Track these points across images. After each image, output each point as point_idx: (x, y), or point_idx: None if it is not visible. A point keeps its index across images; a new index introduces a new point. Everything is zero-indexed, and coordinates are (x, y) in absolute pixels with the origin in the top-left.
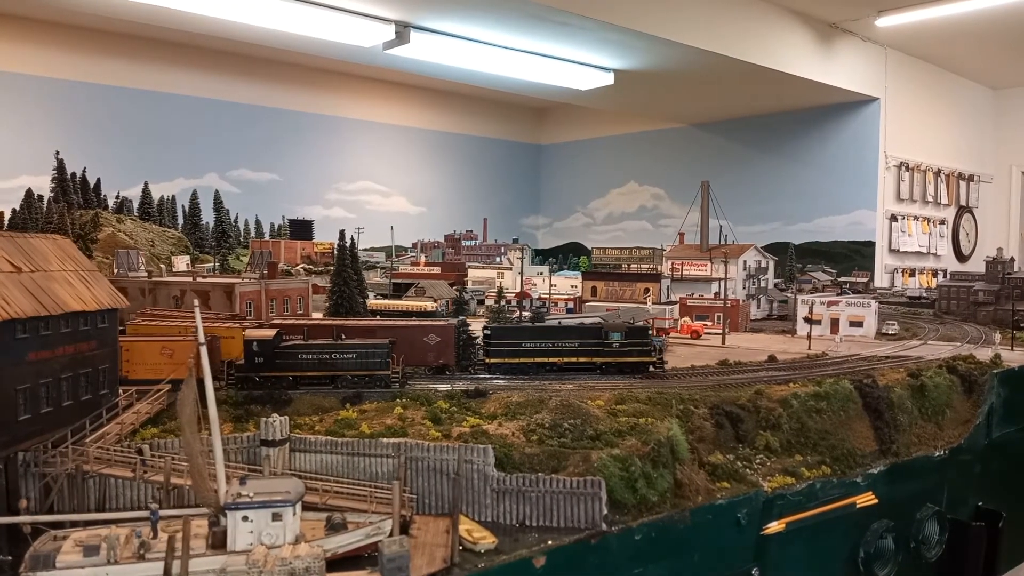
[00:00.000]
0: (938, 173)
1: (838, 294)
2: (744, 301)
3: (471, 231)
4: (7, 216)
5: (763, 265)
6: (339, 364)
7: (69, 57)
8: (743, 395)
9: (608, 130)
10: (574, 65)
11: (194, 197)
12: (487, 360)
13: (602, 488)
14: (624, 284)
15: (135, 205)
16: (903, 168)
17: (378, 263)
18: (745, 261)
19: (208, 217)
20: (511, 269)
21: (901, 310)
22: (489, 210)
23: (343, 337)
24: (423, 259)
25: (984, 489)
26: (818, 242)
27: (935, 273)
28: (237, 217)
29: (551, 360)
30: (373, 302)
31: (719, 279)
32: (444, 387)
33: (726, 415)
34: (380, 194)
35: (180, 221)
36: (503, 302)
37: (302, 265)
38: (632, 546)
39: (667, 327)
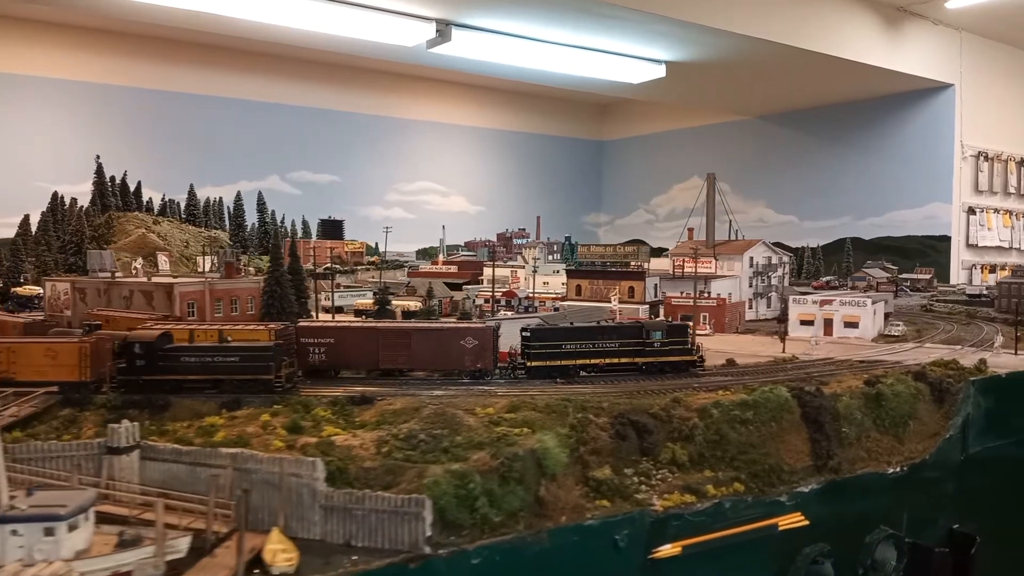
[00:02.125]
0: (1022, 162)
1: (896, 291)
2: (737, 300)
3: (523, 229)
4: (34, 218)
5: (774, 262)
6: (222, 368)
7: (133, 65)
8: (659, 403)
9: (670, 124)
10: (624, 58)
11: (238, 199)
12: (528, 364)
13: (425, 507)
14: (608, 283)
15: (182, 207)
16: (981, 158)
17: (407, 263)
18: (752, 258)
19: (253, 218)
20: (524, 267)
21: (958, 309)
22: (549, 208)
23: (229, 339)
24: (441, 258)
25: (961, 510)
26: (890, 237)
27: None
28: (284, 218)
29: (593, 362)
30: (359, 301)
31: (725, 276)
32: (332, 393)
33: (632, 425)
34: (439, 194)
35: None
36: (434, 302)
37: (330, 264)
38: (469, 571)
39: None
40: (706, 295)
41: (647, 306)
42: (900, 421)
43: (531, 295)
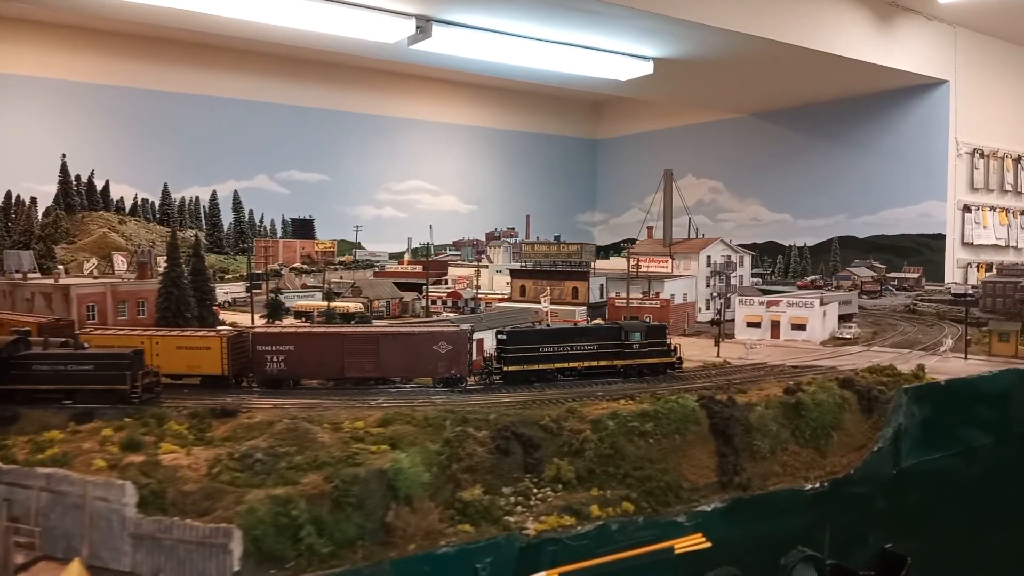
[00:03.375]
0: (1018, 160)
1: (880, 289)
2: (687, 302)
3: (512, 228)
4: None
5: (733, 260)
6: (76, 376)
7: (118, 64)
8: (551, 413)
9: (664, 123)
10: (611, 55)
11: (213, 198)
12: (504, 368)
13: (233, 538)
14: (553, 283)
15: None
16: (977, 155)
17: (380, 263)
18: (709, 257)
19: (229, 218)
20: (487, 267)
21: (942, 308)
22: (542, 207)
23: (86, 346)
24: (406, 258)
25: (894, 528)
26: (884, 235)
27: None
28: (263, 217)
29: (571, 365)
30: (299, 303)
31: (680, 276)
32: (194, 403)
33: (517, 438)
34: (430, 193)
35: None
36: (382, 303)
37: (299, 264)
38: None
39: None
40: (653, 295)
41: (584, 308)
42: (822, 433)
43: (477, 296)
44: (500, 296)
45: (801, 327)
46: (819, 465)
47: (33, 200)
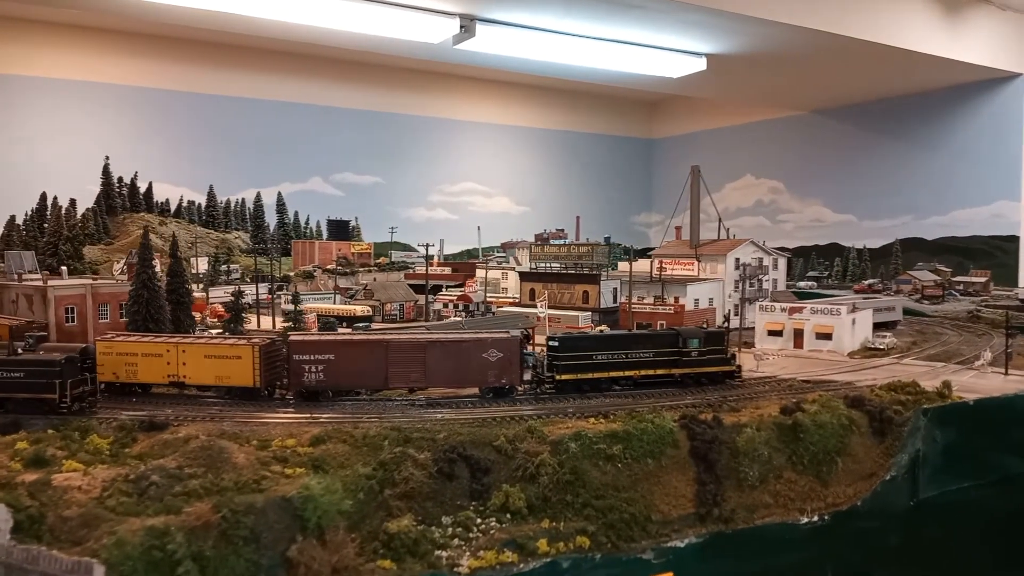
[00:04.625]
0: None
1: (943, 294)
2: (706, 307)
3: (562, 230)
4: (20, 219)
5: (765, 263)
6: (6, 384)
7: (174, 69)
8: (508, 433)
9: (722, 121)
10: (661, 52)
11: (257, 200)
12: (557, 377)
13: (95, 573)
14: (562, 286)
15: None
16: None
17: (413, 264)
18: (738, 259)
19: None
20: (515, 270)
21: (1013, 316)
22: (597, 208)
23: (18, 351)
24: (436, 259)
25: (908, 570)
26: (954, 237)
27: None
28: (308, 219)
29: (627, 374)
30: (310, 306)
31: (705, 280)
32: (128, 415)
33: (465, 461)
34: (483, 195)
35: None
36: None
37: (335, 265)
38: None
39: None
40: (673, 300)
41: (588, 314)
42: (824, 458)
43: (487, 299)
44: (512, 300)
45: (827, 336)
46: (819, 495)
47: (72, 202)
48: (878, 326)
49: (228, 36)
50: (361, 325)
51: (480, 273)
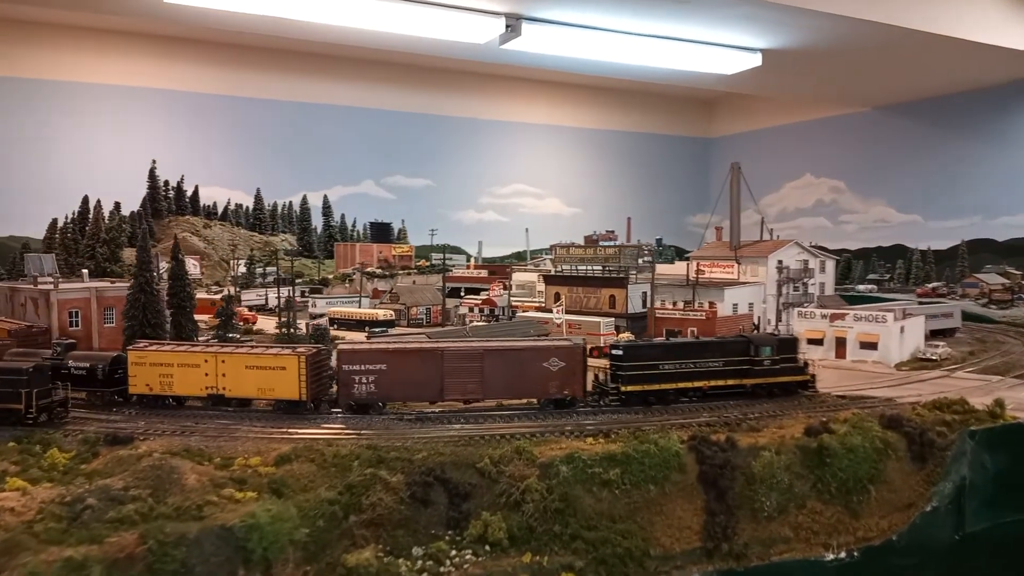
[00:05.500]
0: None
1: (1012, 298)
2: (744, 313)
3: (612, 232)
4: (60, 222)
5: (811, 266)
6: None
7: (221, 73)
8: (494, 453)
9: (782, 119)
10: (714, 47)
11: (304, 203)
12: (622, 389)
13: None
14: (588, 290)
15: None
16: None
17: (454, 266)
18: (780, 261)
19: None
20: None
21: None
22: (651, 209)
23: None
24: (473, 262)
25: None
26: None
27: None
28: (355, 222)
29: (695, 384)
30: (333, 310)
31: (744, 283)
32: (95, 428)
33: (443, 485)
34: (534, 196)
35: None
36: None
37: (373, 267)
38: None
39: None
40: (707, 305)
41: (611, 320)
42: (854, 486)
43: (513, 304)
44: (538, 304)
45: (871, 346)
46: (848, 528)
47: (117, 205)
48: (935, 333)
49: (279, 41)
50: (378, 330)
51: (516, 276)
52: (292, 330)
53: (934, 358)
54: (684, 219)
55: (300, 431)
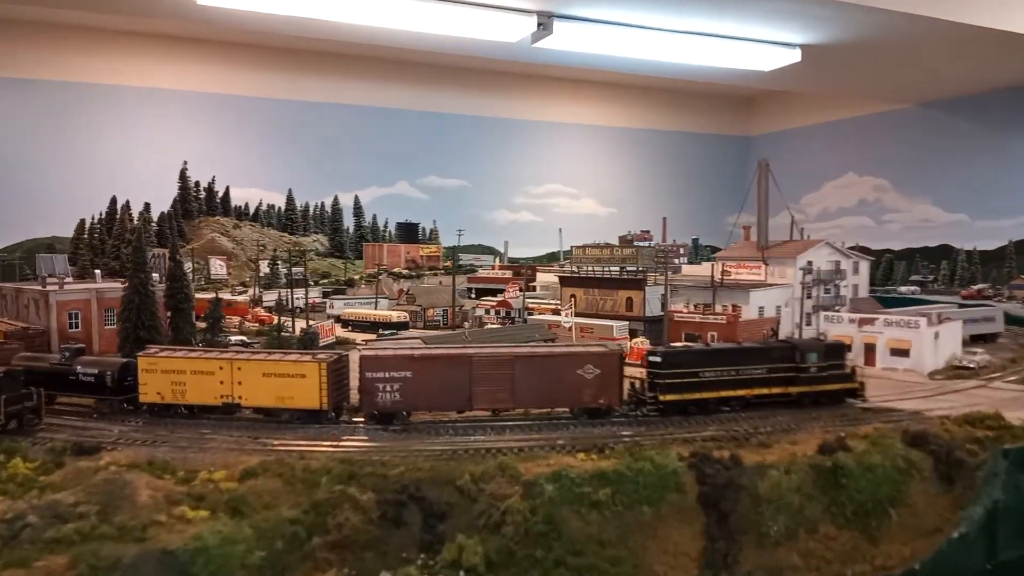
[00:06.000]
0: None
1: None
2: (770, 316)
3: (647, 232)
4: (88, 223)
5: (843, 267)
6: None
7: (260, 75)
8: (475, 470)
9: (823, 116)
10: (751, 43)
11: (335, 203)
12: (660, 398)
13: None
14: (604, 292)
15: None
16: None
17: (482, 266)
18: (810, 262)
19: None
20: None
21: None
22: (688, 209)
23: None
24: (496, 263)
25: None
26: None
27: None
28: (387, 223)
29: (738, 393)
30: (347, 311)
31: (771, 285)
32: (66, 437)
33: (417, 503)
34: (568, 196)
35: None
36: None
37: (400, 268)
38: None
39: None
40: (730, 308)
41: (624, 324)
42: (873, 509)
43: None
44: (555, 306)
45: (903, 353)
46: (865, 555)
47: (147, 206)
48: (975, 339)
49: (311, 42)
50: (387, 332)
51: (541, 277)
52: (282, 332)
53: (971, 366)
54: (722, 219)
55: (276, 441)
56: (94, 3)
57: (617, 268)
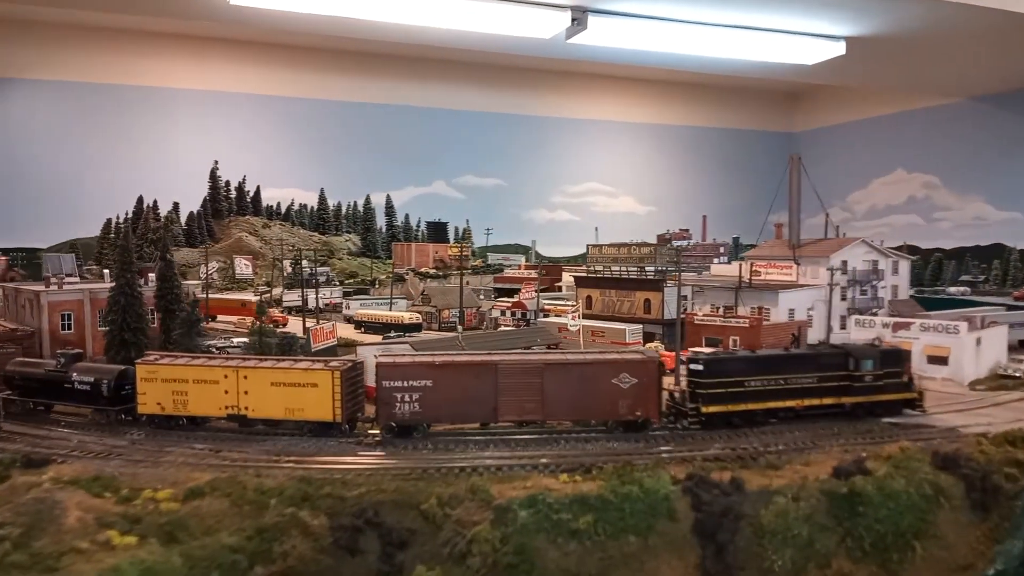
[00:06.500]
0: None
1: None
2: (798, 319)
3: (686, 230)
4: (115, 222)
5: (881, 267)
6: None
7: (294, 76)
8: (444, 492)
9: (871, 111)
10: (794, 36)
11: (367, 203)
12: (703, 409)
13: None
14: (622, 293)
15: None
16: None
17: (511, 265)
18: (845, 262)
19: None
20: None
21: None
22: (729, 207)
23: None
24: (522, 263)
25: None
26: None
27: None
28: (419, 222)
29: (787, 404)
30: (359, 312)
31: (801, 286)
32: (17, 447)
33: (376, 529)
34: (606, 195)
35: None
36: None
37: (428, 268)
38: None
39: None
40: (754, 311)
41: (638, 327)
42: (894, 542)
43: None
44: (569, 307)
45: (941, 360)
46: None
47: (175, 205)
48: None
49: (343, 42)
50: (394, 335)
51: (566, 277)
52: (263, 337)
53: (1017, 375)
54: (765, 217)
55: (234, 455)
56: (127, 5)
57: (636, 268)
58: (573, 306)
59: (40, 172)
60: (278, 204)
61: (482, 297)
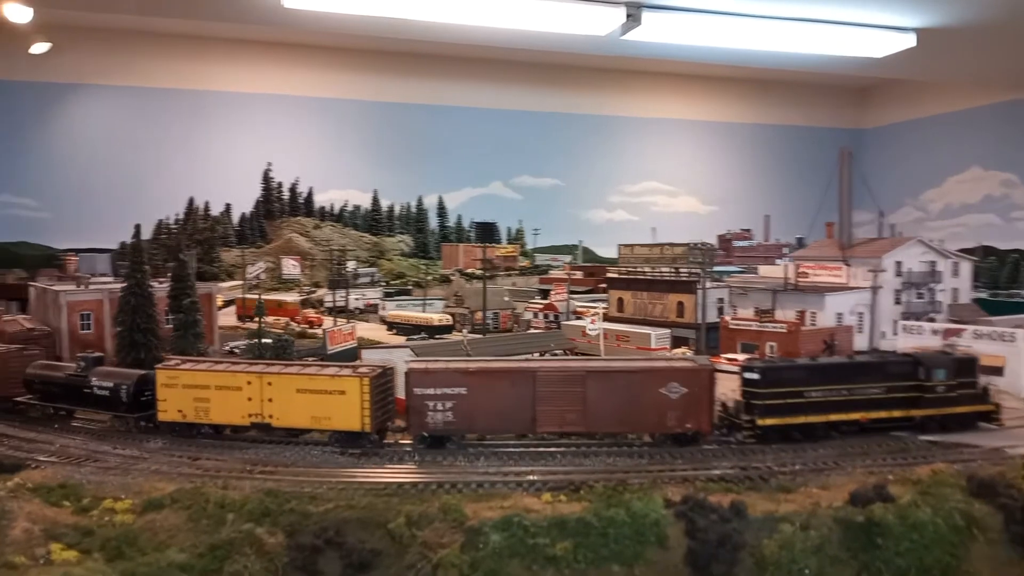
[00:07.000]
0: None
1: None
2: (845, 325)
3: (748, 230)
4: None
5: (939, 268)
6: None
7: (350, 78)
8: (413, 510)
9: (945, 106)
10: (861, 28)
11: (419, 204)
12: (759, 422)
13: None
14: (654, 295)
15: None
16: None
17: (559, 266)
18: (899, 263)
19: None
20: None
21: None
22: (793, 206)
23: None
24: (567, 264)
25: None
26: None
27: None
28: (471, 223)
29: (852, 416)
30: (392, 313)
31: (851, 289)
32: None
33: (337, 549)
34: (666, 194)
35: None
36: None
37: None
38: None
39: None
40: (797, 315)
41: (666, 332)
42: None
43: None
44: (604, 311)
45: (995, 371)
46: None
47: (227, 207)
48: None
49: (399, 43)
50: (416, 336)
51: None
52: (262, 339)
53: None
54: (831, 217)
55: (210, 462)
56: (183, 11)
57: (669, 269)
58: (594, 309)
59: (109, 175)
60: (331, 205)
61: (506, 299)
